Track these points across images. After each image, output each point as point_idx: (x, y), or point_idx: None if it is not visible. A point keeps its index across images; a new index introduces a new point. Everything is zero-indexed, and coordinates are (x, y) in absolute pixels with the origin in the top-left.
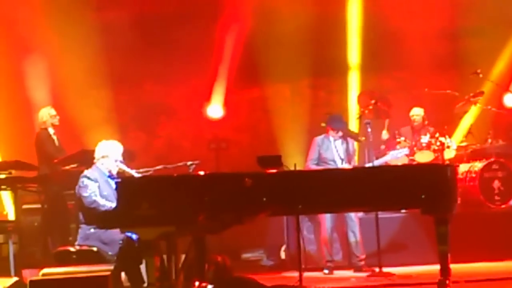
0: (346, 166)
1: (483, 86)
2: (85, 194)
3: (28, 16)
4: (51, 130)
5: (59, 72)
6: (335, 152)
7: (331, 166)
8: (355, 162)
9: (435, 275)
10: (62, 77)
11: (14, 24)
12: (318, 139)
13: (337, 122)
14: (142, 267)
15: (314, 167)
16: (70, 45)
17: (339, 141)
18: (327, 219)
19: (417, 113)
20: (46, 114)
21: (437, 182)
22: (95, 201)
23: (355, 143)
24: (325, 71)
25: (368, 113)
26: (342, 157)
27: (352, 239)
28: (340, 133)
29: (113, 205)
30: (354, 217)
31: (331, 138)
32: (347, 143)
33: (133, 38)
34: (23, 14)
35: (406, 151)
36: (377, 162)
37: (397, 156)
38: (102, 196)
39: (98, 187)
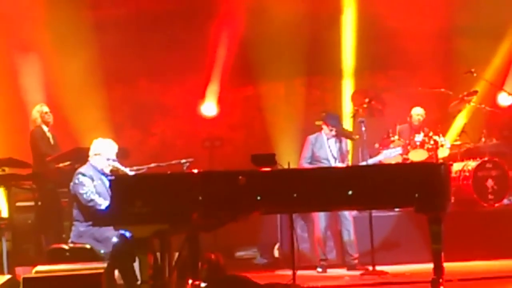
0: (339, 164)
1: (477, 85)
2: (81, 191)
3: (23, 14)
4: (45, 128)
5: (54, 70)
6: (328, 151)
7: (325, 164)
8: (349, 161)
9: (429, 274)
10: (57, 75)
11: (8, 22)
12: (312, 137)
13: (333, 119)
14: (136, 265)
15: (307, 165)
16: (64, 43)
17: (332, 140)
18: (320, 218)
19: (420, 113)
20: (37, 112)
21: (430, 180)
22: (92, 199)
23: (349, 142)
24: (319, 70)
25: (362, 112)
26: (336, 155)
27: (346, 237)
28: (334, 132)
29: (106, 203)
30: (348, 216)
31: (325, 137)
32: (340, 142)
33: (127, 37)
34: (18, 12)
35: (399, 150)
36: (370, 161)
37: (390, 156)
38: (97, 193)
39: (93, 184)
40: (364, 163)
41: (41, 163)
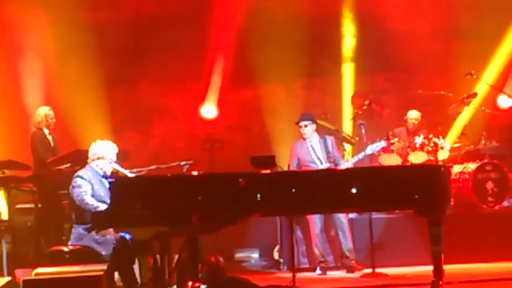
0: (326, 165)
1: (477, 87)
2: (77, 195)
3: (22, 16)
4: (46, 131)
5: (54, 72)
6: (313, 153)
7: (312, 167)
8: (340, 160)
9: (428, 276)
10: (57, 77)
11: (8, 24)
12: (296, 144)
13: (301, 116)
14: (136, 267)
15: None
16: (64, 45)
17: (316, 141)
18: (315, 221)
19: (415, 116)
20: (43, 115)
21: (430, 183)
22: (83, 200)
23: (347, 143)
24: (319, 72)
25: (361, 114)
26: (321, 157)
27: (342, 240)
28: (313, 126)
29: (102, 206)
30: (343, 218)
31: (307, 140)
32: (324, 141)
33: (127, 39)
34: (17, 14)
35: (383, 143)
36: (354, 160)
37: (375, 150)
38: (96, 196)
39: (91, 187)
40: (352, 160)
41: (42, 165)
